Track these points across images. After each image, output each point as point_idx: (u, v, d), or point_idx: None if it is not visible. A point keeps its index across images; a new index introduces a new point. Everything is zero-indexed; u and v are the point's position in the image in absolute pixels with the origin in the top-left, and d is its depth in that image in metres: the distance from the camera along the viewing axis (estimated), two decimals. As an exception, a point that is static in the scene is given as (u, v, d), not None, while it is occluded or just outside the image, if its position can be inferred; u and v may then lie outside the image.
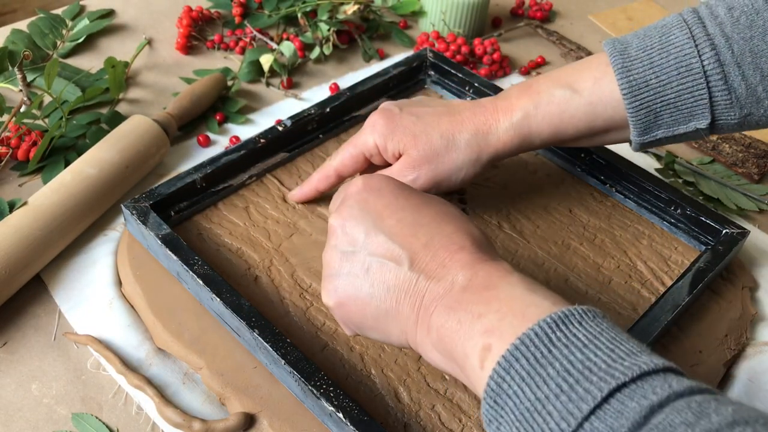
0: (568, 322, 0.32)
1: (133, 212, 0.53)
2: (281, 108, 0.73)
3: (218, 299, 0.47)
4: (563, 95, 0.50)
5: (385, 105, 0.54)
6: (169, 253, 0.50)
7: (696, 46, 0.46)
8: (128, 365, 0.49)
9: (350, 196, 0.42)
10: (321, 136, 0.64)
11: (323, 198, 0.59)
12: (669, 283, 0.55)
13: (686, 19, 0.47)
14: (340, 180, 0.56)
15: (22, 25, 0.79)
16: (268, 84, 0.76)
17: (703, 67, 0.46)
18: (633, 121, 0.49)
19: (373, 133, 0.53)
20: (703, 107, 0.47)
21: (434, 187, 0.52)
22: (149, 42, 0.81)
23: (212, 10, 0.85)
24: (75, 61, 0.77)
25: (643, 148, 0.51)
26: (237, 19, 0.83)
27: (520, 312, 0.34)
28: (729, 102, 0.47)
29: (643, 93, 0.48)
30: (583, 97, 0.50)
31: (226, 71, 0.76)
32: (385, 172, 0.52)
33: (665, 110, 0.48)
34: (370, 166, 0.55)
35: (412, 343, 0.39)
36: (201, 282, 0.48)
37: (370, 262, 0.39)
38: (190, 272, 0.49)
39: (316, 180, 0.57)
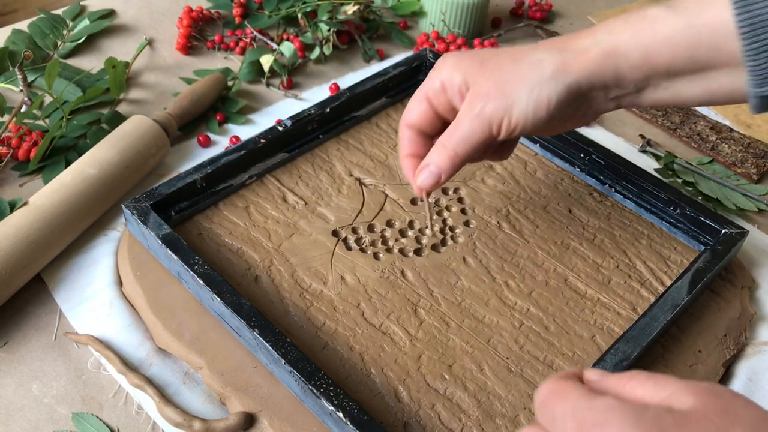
0: None
1: (134, 212, 0.53)
2: (281, 108, 0.73)
3: (218, 299, 0.47)
4: (659, 13, 0.41)
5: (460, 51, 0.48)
6: (170, 253, 0.50)
7: None
8: (129, 365, 0.49)
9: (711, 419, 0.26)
10: (321, 136, 0.64)
11: (323, 198, 0.59)
12: (668, 282, 0.55)
13: None
14: (421, 137, 0.49)
15: (23, 25, 0.79)
16: (268, 84, 0.77)
17: None
18: (751, 67, 0.39)
19: (439, 70, 0.47)
20: None
21: (504, 116, 0.44)
22: (150, 42, 0.81)
23: (212, 11, 0.85)
24: (75, 62, 0.77)
25: (764, 104, 0.40)
26: (237, 20, 0.84)
27: None
28: None
29: (767, 32, 0.38)
30: (683, 17, 0.40)
31: (227, 71, 0.76)
32: (455, 123, 0.45)
33: None
34: (436, 123, 0.48)
35: None
36: (201, 282, 0.48)
37: None
38: (191, 272, 0.49)
39: (402, 149, 0.49)
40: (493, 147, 0.50)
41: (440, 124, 0.48)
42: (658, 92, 0.43)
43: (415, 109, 0.48)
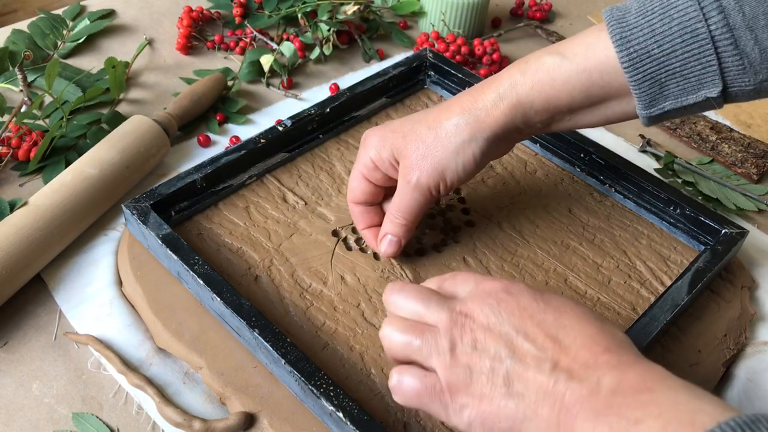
0: (756, 427, 0.29)
1: (134, 212, 0.53)
2: (281, 108, 0.73)
3: (218, 299, 0.47)
4: (553, 61, 0.47)
5: (379, 126, 0.53)
6: (170, 252, 0.50)
7: (701, 9, 0.42)
8: (129, 365, 0.49)
9: (486, 292, 0.39)
10: (321, 136, 0.64)
11: (323, 198, 0.59)
12: (668, 282, 0.55)
13: None
14: (370, 210, 0.54)
15: (23, 25, 0.79)
16: (268, 84, 0.77)
17: (710, 31, 0.42)
18: (637, 94, 0.45)
19: (366, 149, 0.51)
20: (713, 75, 0.43)
21: (439, 181, 0.50)
22: (150, 42, 0.81)
23: (212, 11, 0.85)
24: (75, 62, 0.77)
25: (652, 122, 0.47)
26: (237, 20, 0.84)
27: (688, 419, 0.30)
28: (741, 68, 0.43)
29: (646, 64, 0.44)
30: (575, 63, 0.46)
31: (227, 71, 0.76)
32: (396, 192, 0.51)
33: (671, 80, 0.44)
34: (379, 193, 0.54)
35: None
36: (201, 282, 0.48)
37: (507, 367, 0.36)
38: (191, 272, 0.49)
39: (359, 225, 0.55)
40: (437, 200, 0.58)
41: (382, 192, 0.54)
42: (562, 123, 0.50)
43: (357, 188, 0.53)
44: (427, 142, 0.49)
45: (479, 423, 0.37)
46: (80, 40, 0.79)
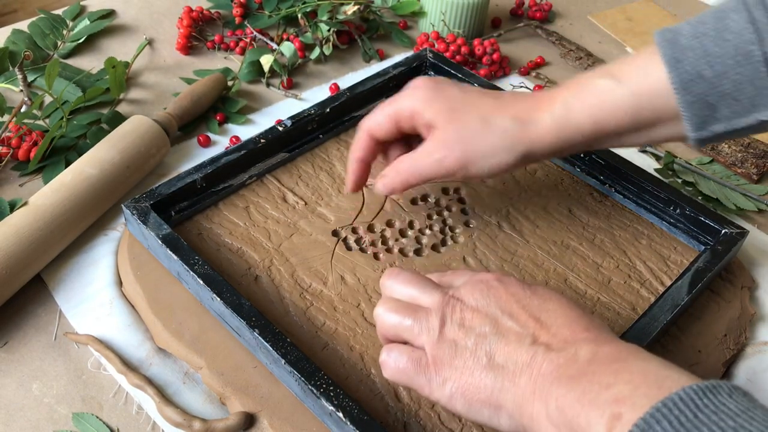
0: (716, 392, 0.31)
1: (134, 212, 0.53)
2: (281, 108, 0.73)
3: (218, 299, 0.47)
4: (605, 85, 0.47)
5: (435, 76, 0.51)
6: (170, 252, 0.50)
7: (756, 31, 0.42)
8: (129, 365, 0.49)
9: (478, 280, 0.42)
10: (321, 136, 0.64)
11: (323, 198, 0.59)
12: (668, 282, 0.55)
13: (746, 0, 0.43)
14: (376, 144, 0.54)
15: (23, 25, 0.79)
16: (268, 84, 0.77)
17: (764, 53, 0.42)
18: (687, 117, 0.45)
19: (412, 96, 0.50)
20: (766, 97, 0.43)
21: (461, 169, 0.50)
22: (150, 42, 0.81)
23: (212, 11, 0.85)
24: (75, 62, 0.77)
25: (701, 144, 0.46)
26: (237, 20, 0.84)
27: (656, 384, 0.32)
28: None
29: (697, 86, 0.43)
30: (626, 87, 0.46)
31: (227, 71, 0.76)
32: (412, 155, 0.51)
33: (722, 103, 0.44)
34: (397, 137, 0.53)
35: (526, 416, 0.37)
36: (201, 282, 0.48)
37: (490, 342, 0.39)
38: (191, 272, 0.49)
39: (353, 150, 0.54)
40: None
41: (398, 136, 0.53)
42: (603, 144, 0.50)
43: (381, 123, 0.52)
44: (470, 130, 0.49)
45: (460, 395, 0.39)
46: (80, 40, 0.79)
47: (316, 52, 0.80)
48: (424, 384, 0.40)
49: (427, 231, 0.58)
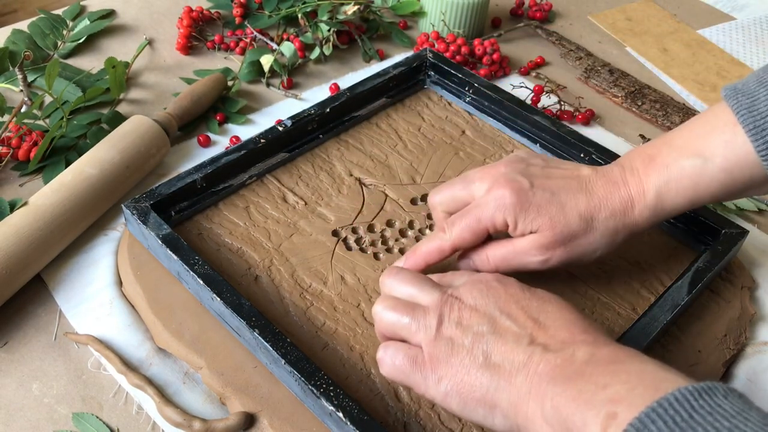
0: (712, 393, 0.31)
1: (134, 212, 0.53)
2: (281, 108, 0.73)
3: (218, 299, 0.47)
4: (694, 165, 0.46)
5: (509, 173, 0.48)
6: (170, 253, 0.50)
7: None
8: (129, 365, 0.49)
9: (478, 280, 0.42)
10: (321, 136, 0.64)
11: (323, 198, 0.59)
12: (668, 282, 0.55)
13: None
14: (454, 253, 0.51)
15: (23, 25, 0.79)
16: (268, 84, 0.77)
17: None
18: None
19: (502, 209, 0.47)
20: None
21: (563, 266, 0.49)
22: (150, 42, 0.81)
23: (212, 11, 0.85)
24: (76, 62, 0.77)
25: None
26: (237, 20, 0.84)
27: (653, 385, 0.33)
28: None
29: None
30: (717, 164, 0.46)
31: (227, 71, 0.76)
32: (510, 248, 0.48)
33: None
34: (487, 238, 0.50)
35: (521, 416, 0.37)
36: (201, 282, 0.48)
37: (487, 341, 0.39)
38: (191, 272, 0.49)
39: (425, 252, 0.50)
40: None
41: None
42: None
43: (466, 239, 0.49)
44: (573, 232, 0.47)
45: (455, 393, 0.39)
46: (80, 40, 0.79)
47: (316, 52, 0.80)
48: (420, 382, 0.40)
49: (427, 231, 0.58)
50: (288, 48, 0.77)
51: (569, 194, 0.48)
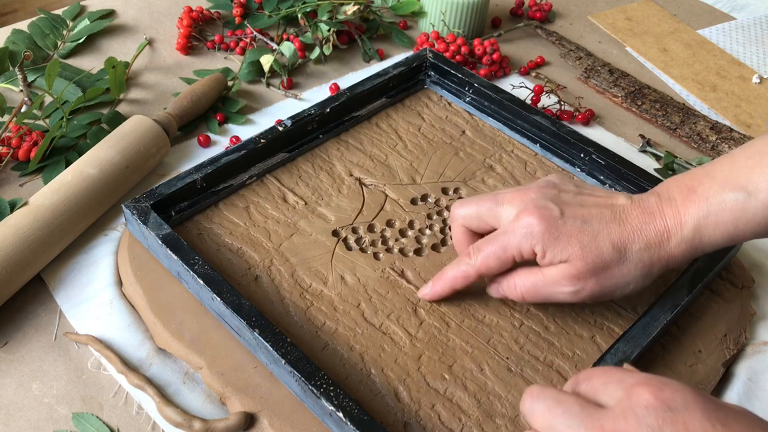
0: None
1: (134, 212, 0.53)
2: (281, 108, 0.74)
3: (218, 299, 0.47)
4: (736, 200, 0.44)
5: (539, 199, 0.47)
6: (170, 252, 0.50)
7: None
8: (129, 365, 0.49)
9: (641, 407, 0.32)
10: (321, 136, 0.64)
11: (323, 198, 0.59)
12: (668, 282, 0.55)
13: None
14: (479, 279, 0.50)
15: (23, 25, 0.79)
16: (268, 84, 0.77)
17: None
18: None
19: (530, 238, 0.46)
20: None
21: (594, 300, 0.47)
22: (150, 42, 0.81)
23: (212, 11, 0.85)
24: (76, 62, 0.77)
25: None
26: (237, 20, 0.84)
27: None
28: None
29: None
30: (760, 200, 0.43)
31: (227, 71, 0.76)
32: (536, 278, 0.47)
33: None
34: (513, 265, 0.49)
35: None
36: (201, 282, 0.48)
37: None
38: (191, 272, 0.49)
39: (452, 279, 0.50)
40: None
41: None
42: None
43: (492, 267, 0.48)
44: (605, 262, 0.45)
45: None
46: (80, 40, 0.79)
47: (316, 52, 0.80)
48: None
49: (427, 231, 0.58)
50: (288, 48, 0.77)
51: (602, 223, 0.46)
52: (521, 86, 0.78)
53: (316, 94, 0.76)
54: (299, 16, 0.82)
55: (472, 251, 0.48)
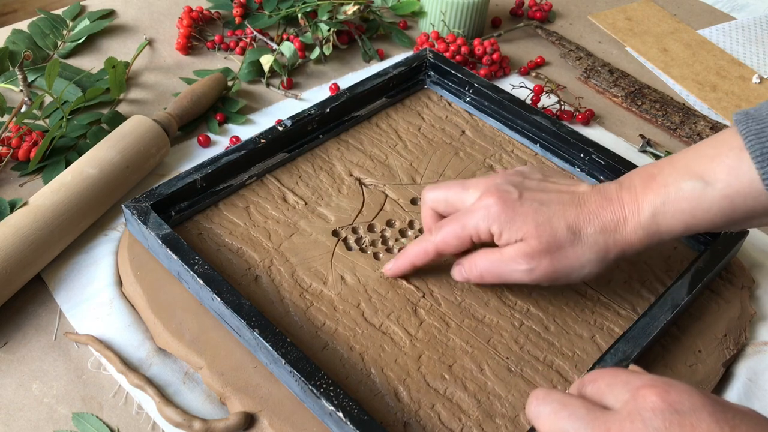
0: None
1: (134, 212, 0.53)
2: (281, 108, 0.74)
3: (218, 299, 0.47)
4: (693, 188, 0.44)
5: (502, 184, 0.48)
6: (170, 253, 0.50)
7: None
8: (129, 365, 0.49)
9: (647, 410, 0.32)
10: (321, 136, 0.64)
11: (323, 198, 0.59)
12: (668, 282, 0.55)
13: None
14: (440, 258, 0.51)
15: (23, 25, 0.79)
16: (268, 84, 0.77)
17: None
18: None
19: (487, 218, 0.47)
20: None
21: (549, 282, 0.48)
22: (150, 42, 0.81)
23: (212, 11, 0.85)
24: (76, 62, 0.77)
25: None
26: (237, 20, 0.84)
27: None
28: None
29: None
30: (717, 190, 0.43)
31: (227, 71, 0.76)
32: (494, 257, 0.48)
33: None
34: (472, 246, 0.50)
35: None
36: (201, 282, 0.48)
37: None
38: (191, 272, 0.49)
39: (413, 255, 0.51)
40: None
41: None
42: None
43: (451, 245, 0.49)
44: (559, 242, 0.46)
45: None
46: (80, 40, 0.79)
47: (316, 52, 0.80)
48: None
49: (427, 231, 0.58)
50: (288, 48, 0.77)
51: (559, 206, 0.47)
52: (521, 86, 0.78)
53: (316, 94, 0.76)
54: (299, 16, 0.82)
55: (434, 229, 0.50)
